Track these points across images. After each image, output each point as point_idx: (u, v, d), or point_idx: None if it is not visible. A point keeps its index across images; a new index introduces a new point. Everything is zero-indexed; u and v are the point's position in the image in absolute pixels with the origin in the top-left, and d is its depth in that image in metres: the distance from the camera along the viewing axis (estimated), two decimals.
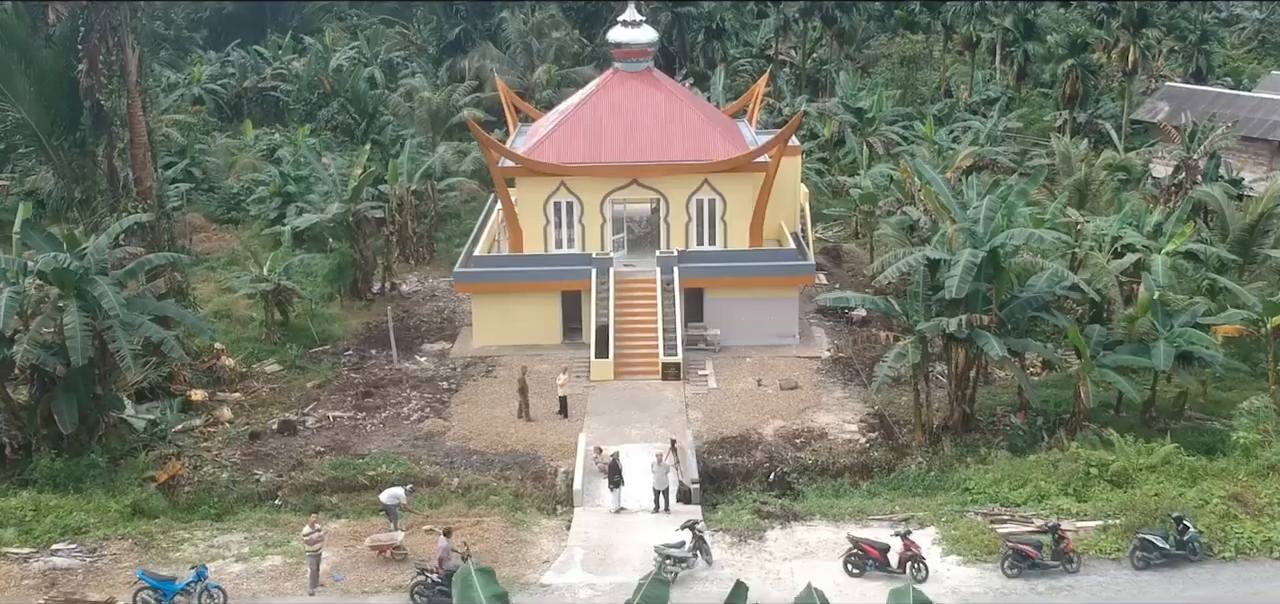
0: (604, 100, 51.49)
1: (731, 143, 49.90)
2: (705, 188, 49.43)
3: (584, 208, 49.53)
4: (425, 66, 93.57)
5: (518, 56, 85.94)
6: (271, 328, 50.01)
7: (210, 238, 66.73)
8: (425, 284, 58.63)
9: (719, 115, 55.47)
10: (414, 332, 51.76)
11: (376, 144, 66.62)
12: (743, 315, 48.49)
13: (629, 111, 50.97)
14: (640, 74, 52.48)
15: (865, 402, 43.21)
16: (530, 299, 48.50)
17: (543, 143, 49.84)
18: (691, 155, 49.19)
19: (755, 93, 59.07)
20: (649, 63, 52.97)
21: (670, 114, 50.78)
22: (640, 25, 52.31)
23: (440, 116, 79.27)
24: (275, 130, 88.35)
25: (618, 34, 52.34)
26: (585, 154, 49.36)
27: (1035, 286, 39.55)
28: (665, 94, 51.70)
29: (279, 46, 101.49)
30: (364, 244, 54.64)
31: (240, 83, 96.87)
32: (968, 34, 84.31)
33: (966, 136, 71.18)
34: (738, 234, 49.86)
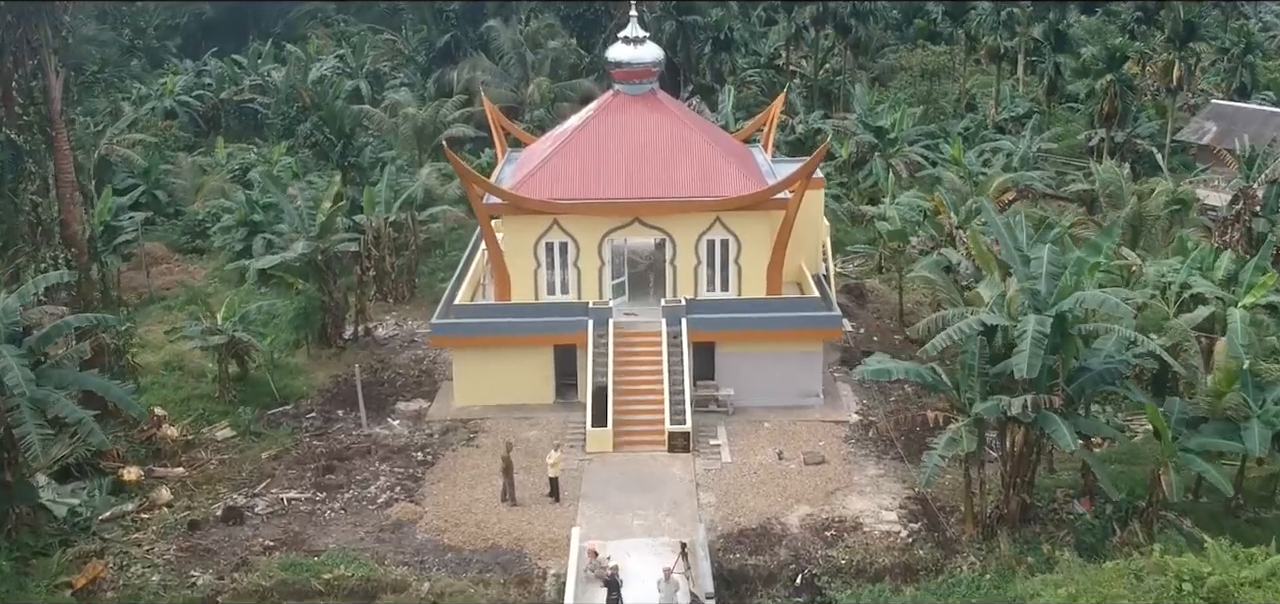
0: (603, 126, 45.68)
1: (746, 175, 44.10)
2: (717, 227, 43.64)
3: (580, 249, 43.75)
4: (413, 77, 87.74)
5: (511, 68, 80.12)
6: (226, 384, 44.17)
7: (171, 270, 61.01)
8: (403, 327, 52.78)
9: (731, 141, 49.66)
10: (387, 387, 45.94)
11: (354, 167, 60.84)
12: (759, 372, 42.75)
13: (631, 139, 45.18)
14: (643, 97, 46.68)
15: (903, 481, 37.41)
16: (518, 354, 42.75)
17: (534, 175, 44.03)
18: (701, 190, 43.41)
19: (771, 115, 53.27)
20: (653, 84, 47.17)
21: (677, 142, 44.99)
22: (644, 42, 46.52)
23: (426, 134, 73.43)
24: (253, 146, 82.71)
25: (618, 52, 46.54)
26: (581, 188, 43.57)
27: (1104, 352, 33.75)
28: (671, 119, 45.90)
29: (259, 56, 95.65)
30: (334, 285, 48.80)
31: (217, 95, 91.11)
32: (993, 45, 78.47)
33: (998, 159, 65.38)
34: (753, 279, 44.08)
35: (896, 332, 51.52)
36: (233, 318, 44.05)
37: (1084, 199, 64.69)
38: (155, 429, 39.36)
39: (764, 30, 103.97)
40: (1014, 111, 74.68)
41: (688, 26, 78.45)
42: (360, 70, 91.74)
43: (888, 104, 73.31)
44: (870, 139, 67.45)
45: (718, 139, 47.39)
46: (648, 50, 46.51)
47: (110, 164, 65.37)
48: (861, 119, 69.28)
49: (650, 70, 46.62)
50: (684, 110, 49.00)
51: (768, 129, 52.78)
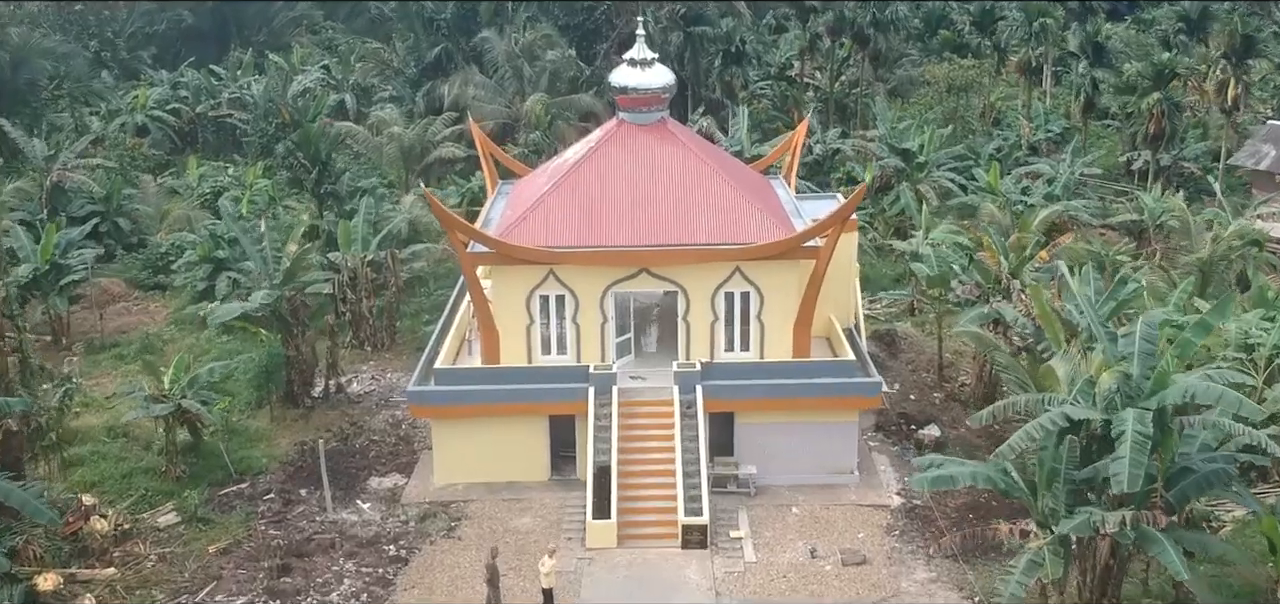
0: (605, 161, 40.00)
1: (770, 218, 38.38)
2: (736, 278, 37.96)
3: (579, 303, 38.08)
4: (402, 90, 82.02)
5: (506, 82, 74.41)
6: (174, 456, 38.51)
7: (130, 309, 55.32)
8: (382, 380, 47.09)
9: (749, 175, 43.97)
10: (359, 458, 40.28)
11: (331, 196, 55.20)
12: (786, 446, 37.19)
13: (638, 176, 39.50)
14: (652, 127, 40.99)
15: (961, 590, 31.75)
16: (509, 425, 37.14)
17: (526, 218, 38.34)
18: (719, 236, 37.73)
19: (794, 141, 47.49)
20: (663, 111, 41.47)
21: (691, 179, 39.31)
22: (652, 65, 40.82)
23: (414, 154, 67.88)
24: (231, 164, 77.11)
25: (623, 76, 40.82)
26: (581, 233, 37.90)
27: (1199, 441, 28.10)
28: (684, 152, 40.20)
29: (238, 66, 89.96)
30: (301, 337, 43.12)
31: (193, 109, 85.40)
32: (1024, 58, 72.73)
33: (1038, 187, 59.69)
34: (778, 337, 38.41)
35: (935, 388, 45.88)
36: (181, 381, 38.36)
37: (1132, 231, 59.08)
38: (82, 522, 33.66)
39: (774, 39, 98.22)
40: (1049, 131, 68.88)
41: (696, 39, 72.81)
42: (346, 83, 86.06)
43: (914, 123, 67.55)
44: (896, 162, 61.80)
45: (736, 174, 41.70)
46: (657, 74, 40.82)
47: (65, 191, 59.73)
48: (886, 140, 63.60)
49: (660, 97, 40.94)
50: (697, 140, 43.31)
51: (790, 158, 47.09)
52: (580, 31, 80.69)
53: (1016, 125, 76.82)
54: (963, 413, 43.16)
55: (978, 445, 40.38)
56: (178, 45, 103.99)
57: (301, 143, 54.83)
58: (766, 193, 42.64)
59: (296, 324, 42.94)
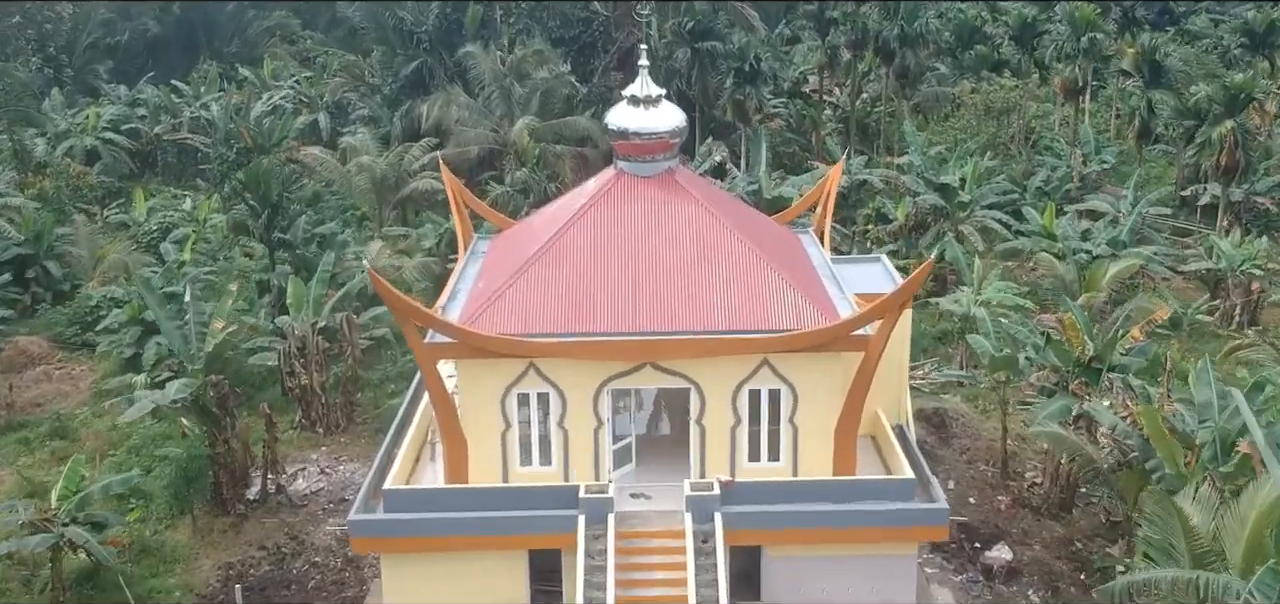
0: (601, 222, 32.27)
1: (806, 296, 30.67)
2: (764, 373, 30.24)
3: (568, 404, 30.40)
4: (378, 110, 74.34)
5: (492, 103, 66.78)
6: (62, 593, 30.86)
7: (50, 376, 47.64)
8: (334, 474, 39.43)
9: (777, 235, 36.22)
10: (296, 590, 32.62)
11: (283, 244, 47.45)
12: (825, 583, 29.58)
13: (640, 242, 31.78)
14: (658, 179, 33.24)
15: None
16: (478, 561, 29.45)
17: (501, 298, 30.61)
18: (743, 320, 30.04)
19: (826, 187, 39.50)
20: (672, 160, 33.68)
21: (707, 245, 31.61)
22: (658, 104, 33.08)
23: (387, 186, 60.19)
24: (188, 194, 69.60)
25: (622, 117, 33.03)
26: (569, 317, 30.22)
27: None
28: (697, 210, 32.46)
29: (203, 81, 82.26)
30: (231, 431, 35.46)
31: (151, 129, 77.78)
32: (1071, 77, 64.95)
33: (1100, 231, 51.92)
34: (816, 446, 30.70)
35: (998, 487, 38.19)
36: (70, 501, 30.70)
37: (1207, 280, 51.46)
38: None
39: (787, 50, 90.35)
40: (1103, 162, 61.15)
41: (704, 55, 65.11)
42: (319, 101, 78.37)
43: (950, 150, 59.79)
44: (933, 199, 54.13)
45: (761, 234, 33.96)
46: (664, 115, 33.07)
47: None
48: (921, 173, 55.93)
49: (668, 143, 33.18)
50: (712, 193, 35.52)
51: (823, 207, 39.28)
52: (576, 45, 73.09)
53: (1057, 148, 69.15)
54: (1035, 523, 35.59)
55: (1059, 573, 32.81)
56: (144, 57, 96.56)
57: (250, 181, 47.09)
58: (797, 257, 34.91)
59: (225, 415, 35.27)
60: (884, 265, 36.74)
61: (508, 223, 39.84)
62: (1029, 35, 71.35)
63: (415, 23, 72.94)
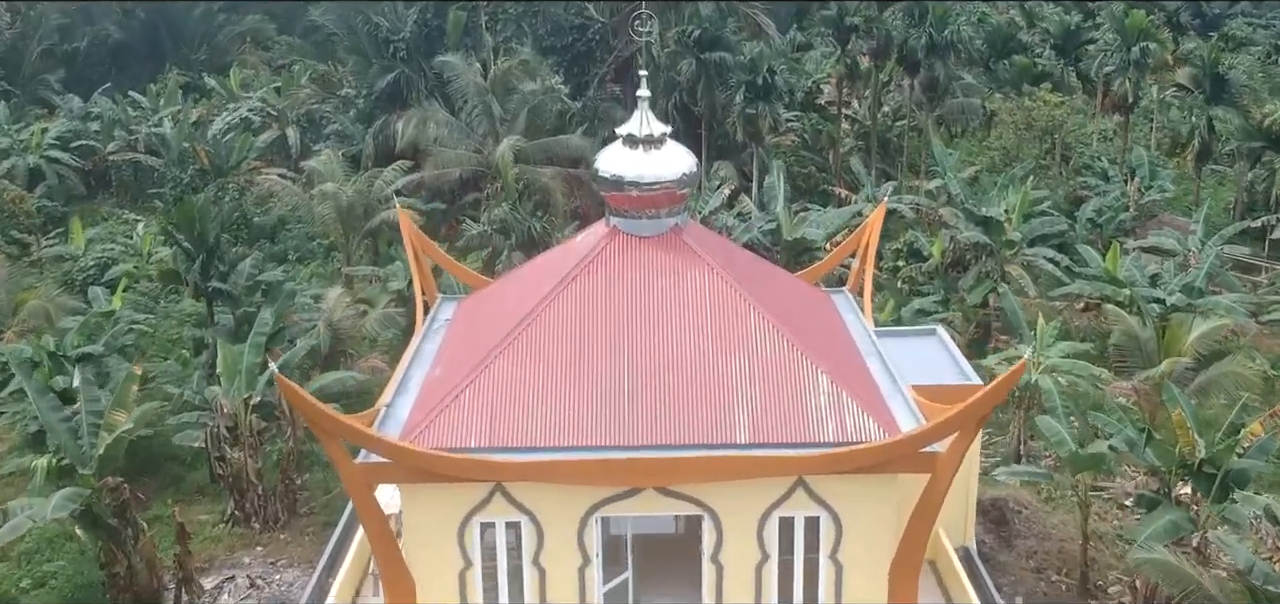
0: (590, 297, 25.38)
1: (852, 394, 23.75)
2: (799, 497, 23.39)
3: (545, 538, 23.53)
4: (350, 127, 67.42)
5: (475, 121, 59.84)
6: None
7: None
8: (269, 584, 32.58)
9: (809, 302, 29.34)
10: None
11: (222, 295, 40.47)
12: None
13: (640, 324, 24.91)
14: (662, 239, 26.33)
15: None
16: None
17: (459, 399, 23.73)
18: (772, 429, 23.19)
19: (866, 234, 32.29)
20: (679, 216, 26.71)
21: (724, 326, 24.74)
22: (661, 144, 26.17)
23: (355, 215, 53.19)
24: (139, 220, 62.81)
25: (617, 162, 26.07)
26: (547, 425, 23.36)
27: None
28: (711, 279, 25.55)
29: (160, 93, 75.28)
30: (133, 546, 28.62)
31: (103, 146, 70.89)
32: (1122, 92, 57.95)
33: (1171, 272, 45.01)
34: (864, 587, 23.85)
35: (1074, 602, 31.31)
36: None
37: None
38: None
39: (798, 56, 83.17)
40: (1163, 190, 54.10)
41: (712, 67, 58.15)
42: (289, 115, 71.43)
43: (997, 181, 52.82)
44: (975, 234, 47.23)
45: (789, 307, 27.08)
46: (670, 159, 26.14)
47: None
48: (961, 203, 49.04)
49: (674, 194, 26.24)
50: (728, 252, 28.53)
51: (860, 258, 32.31)
52: (569, 54, 66.10)
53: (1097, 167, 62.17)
54: None
55: None
56: (107, 65, 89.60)
57: (181, 219, 40.15)
58: (836, 335, 28.04)
59: (125, 526, 28.41)
60: (942, 340, 29.81)
61: (479, 280, 32.91)
62: (1072, 45, 64.41)
63: (392, 30, 65.99)
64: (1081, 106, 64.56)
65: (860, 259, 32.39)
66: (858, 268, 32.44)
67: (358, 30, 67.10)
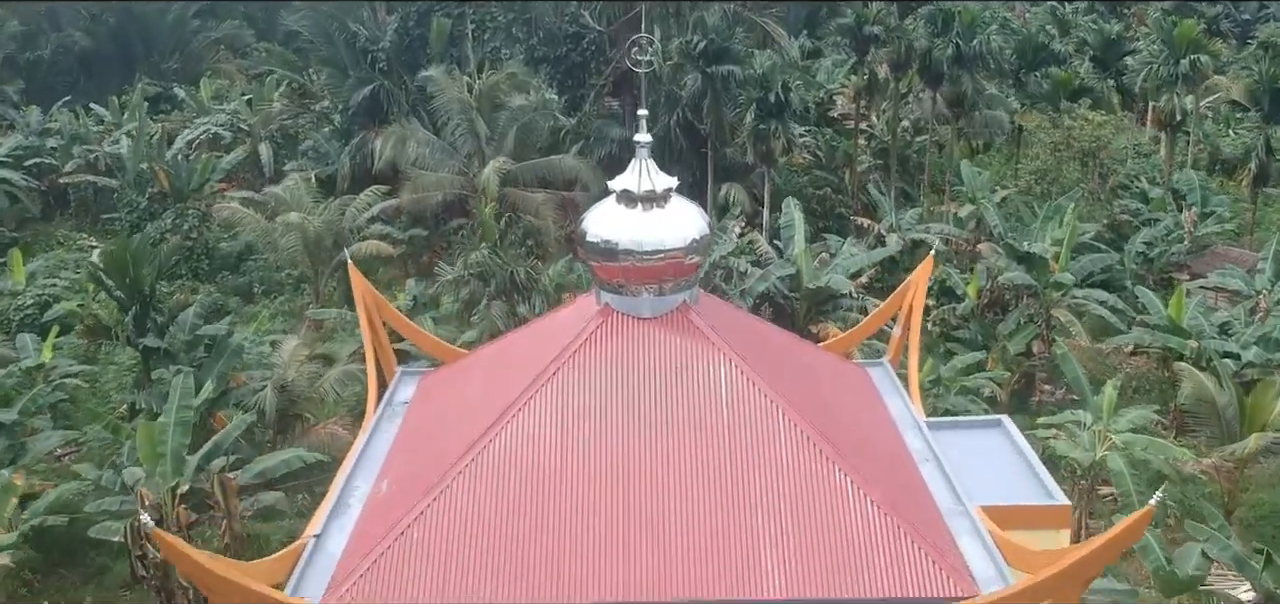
0: (574, 400, 20.03)
1: (908, 526, 18.44)
2: None
3: None
4: (326, 144, 62.16)
5: (459, 139, 54.59)
6: None
7: None
8: None
9: (844, 385, 24.01)
10: None
11: (161, 353, 35.15)
12: None
13: (638, 435, 19.59)
14: (667, 321, 20.98)
15: None
16: None
17: (406, 536, 18.42)
18: (809, 579, 17.90)
19: (910, 292, 26.90)
20: (688, 289, 21.30)
21: (743, 435, 19.45)
22: (665, 202, 20.82)
23: (324, 249, 47.96)
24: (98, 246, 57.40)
25: (609, 225, 20.68)
26: (517, 576, 18.04)
27: None
28: (727, 372, 20.23)
29: (125, 106, 69.97)
30: None
31: (62, 164, 65.57)
32: (1169, 108, 52.62)
33: (1241, 319, 39.63)
34: None
35: None
36: None
37: None
38: None
39: (808, 63, 77.65)
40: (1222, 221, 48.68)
41: (718, 81, 52.83)
42: (261, 131, 66.11)
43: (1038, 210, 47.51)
44: (1017, 274, 41.92)
45: (823, 398, 21.78)
46: (677, 221, 20.76)
47: None
48: (1001, 236, 43.79)
49: (683, 266, 20.85)
50: (747, 332, 23.14)
51: (904, 324, 26.94)
52: (563, 66, 60.78)
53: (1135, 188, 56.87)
54: None
55: None
56: (75, 74, 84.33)
57: (110, 264, 34.80)
58: (879, 429, 22.73)
59: None
60: (1008, 434, 24.37)
61: (446, 352, 27.59)
62: (1113, 56, 59.00)
63: (371, 39, 60.64)
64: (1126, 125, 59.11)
65: (902, 326, 27.08)
66: (900, 336, 27.15)
67: (334, 39, 61.72)
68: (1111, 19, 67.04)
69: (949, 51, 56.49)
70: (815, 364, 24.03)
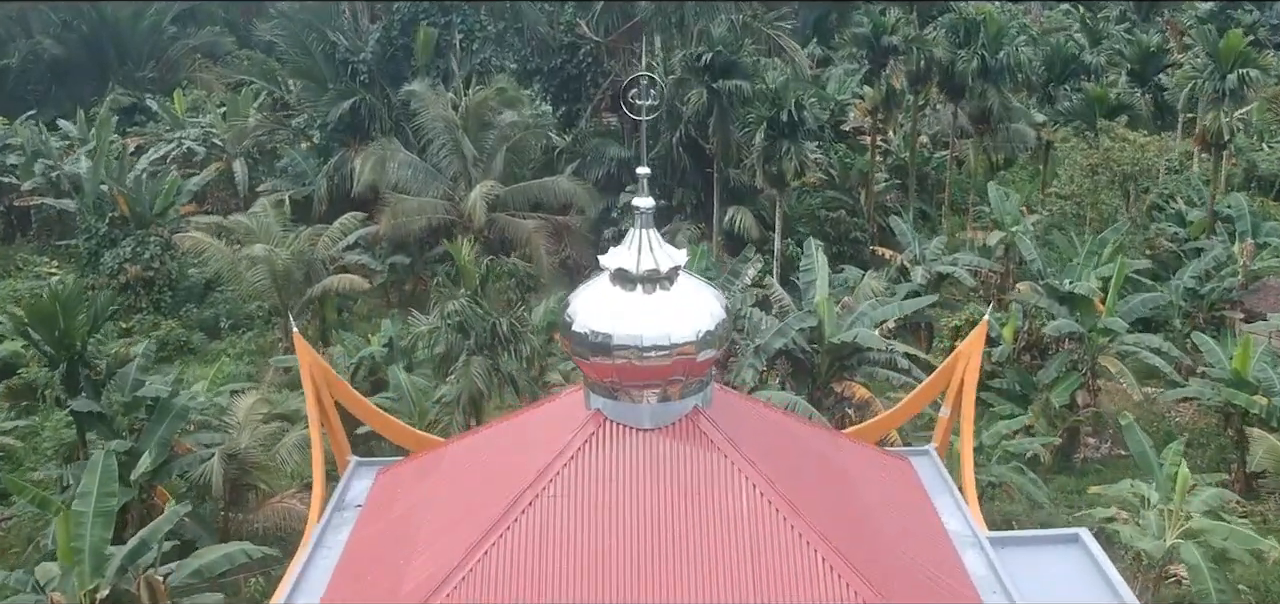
0: (557, 529, 15.83)
1: None
2: None
3: None
4: (303, 162, 57.89)
5: (444, 161, 50.33)
6: None
7: None
8: None
9: (894, 491, 19.77)
10: None
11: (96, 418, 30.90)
12: None
13: (638, 568, 15.39)
14: (674, 431, 16.71)
15: None
16: None
17: None
18: None
19: (963, 364, 22.59)
20: (699, 393, 17.00)
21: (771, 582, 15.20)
22: (670, 283, 16.52)
23: (293, 283, 43.71)
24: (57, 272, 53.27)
25: (599, 313, 16.36)
26: None
27: None
28: (749, 495, 16.03)
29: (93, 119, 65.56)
30: None
31: (21, 183, 61.32)
32: (1216, 126, 48.38)
33: None
34: None
35: None
36: None
37: None
38: None
39: (817, 72, 73.21)
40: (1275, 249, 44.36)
41: (725, 98, 48.53)
42: (235, 147, 61.81)
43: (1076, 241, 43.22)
44: (1059, 318, 37.67)
45: (866, 515, 17.57)
46: (687, 307, 16.45)
47: None
48: (1043, 274, 39.58)
49: (694, 364, 16.53)
50: (769, 435, 18.82)
51: (953, 403, 22.68)
52: (557, 78, 56.50)
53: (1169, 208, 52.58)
54: None
55: None
56: (46, 84, 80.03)
57: (36, 316, 30.55)
58: (934, 549, 18.48)
59: None
60: (1089, 553, 19.92)
61: (412, 438, 23.33)
62: (1152, 70, 54.67)
63: (351, 49, 56.30)
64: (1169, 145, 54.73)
65: (952, 406, 22.84)
66: (949, 419, 22.90)
67: (311, 49, 57.42)
68: (1149, 29, 62.80)
69: (974, 64, 52.24)
70: (850, 467, 19.75)
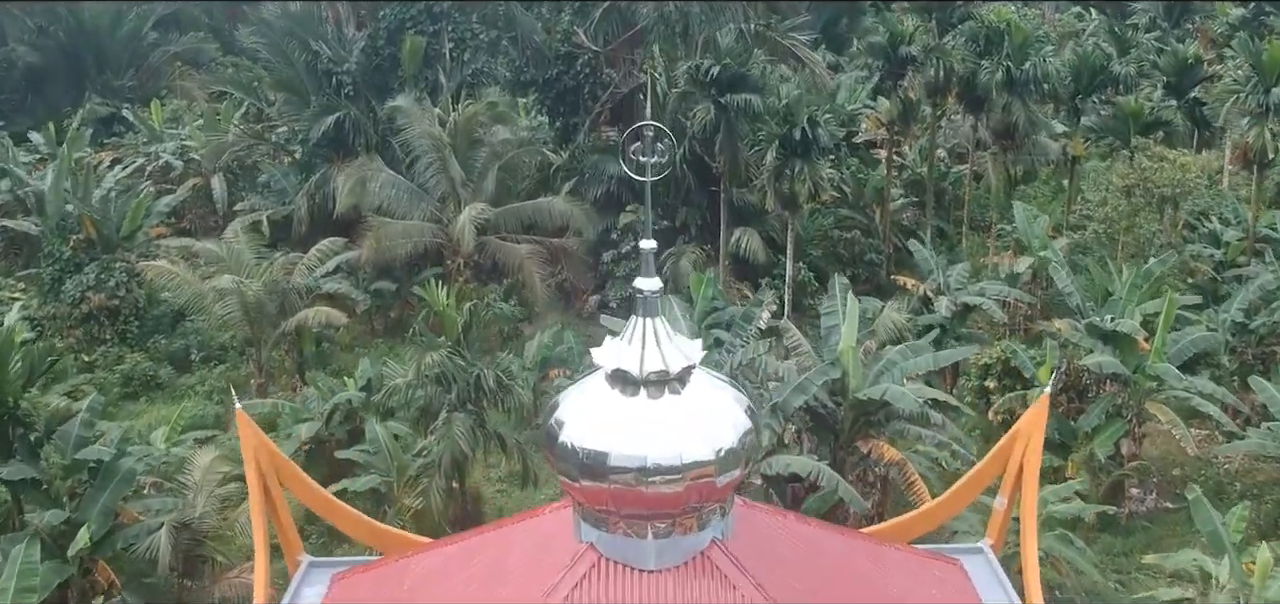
0: None
1: None
2: None
3: None
4: (284, 179, 54.47)
5: (431, 181, 46.94)
6: None
7: None
8: None
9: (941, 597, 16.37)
10: None
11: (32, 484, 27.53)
12: None
13: None
14: (687, 572, 13.28)
15: None
16: None
17: None
18: None
19: (1023, 447, 19.07)
20: (717, 524, 13.56)
21: None
22: (681, 386, 13.10)
23: (267, 315, 40.34)
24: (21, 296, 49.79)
25: (591, 427, 12.98)
26: None
27: None
28: None
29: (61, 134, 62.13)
30: None
31: None
32: (1257, 143, 44.90)
33: None
34: None
35: None
36: None
37: None
38: None
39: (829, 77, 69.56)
40: None
41: (734, 113, 45.09)
42: (213, 163, 58.29)
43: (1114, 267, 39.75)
44: (1103, 358, 34.21)
45: None
46: (699, 413, 13.05)
47: None
48: (1082, 309, 36.17)
49: (713, 488, 13.12)
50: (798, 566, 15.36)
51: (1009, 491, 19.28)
52: (554, 91, 52.97)
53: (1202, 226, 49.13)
54: None
55: None
56: (21, 93, 76.52)
57: None
58: None
59: None
60: None
61: (373, 534, 19.88)
62: (1188, 83, 51.19)
63: (334, 60, 52.82)
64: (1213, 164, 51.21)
65: (1009, 494, 19.43)
66: (1006, 511, 19.48)
67: (293, 59, 53.99)
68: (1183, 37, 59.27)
69: (998, 75, 48.79)
70: (893, 583, 16.32)
